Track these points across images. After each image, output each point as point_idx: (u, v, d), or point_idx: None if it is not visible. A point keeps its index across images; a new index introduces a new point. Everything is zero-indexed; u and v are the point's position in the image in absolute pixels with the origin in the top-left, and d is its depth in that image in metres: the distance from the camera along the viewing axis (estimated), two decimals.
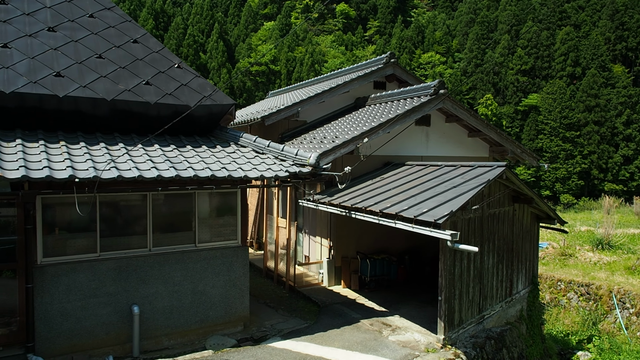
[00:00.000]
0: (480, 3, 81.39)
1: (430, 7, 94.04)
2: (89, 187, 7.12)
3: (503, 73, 70.43)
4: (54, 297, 7.46)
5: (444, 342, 8.75)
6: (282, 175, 8.69)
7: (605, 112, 60.88)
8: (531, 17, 74.27)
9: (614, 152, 60.17)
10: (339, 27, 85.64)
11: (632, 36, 67.71)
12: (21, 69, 7.81)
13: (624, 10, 69.01)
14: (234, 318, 9.15)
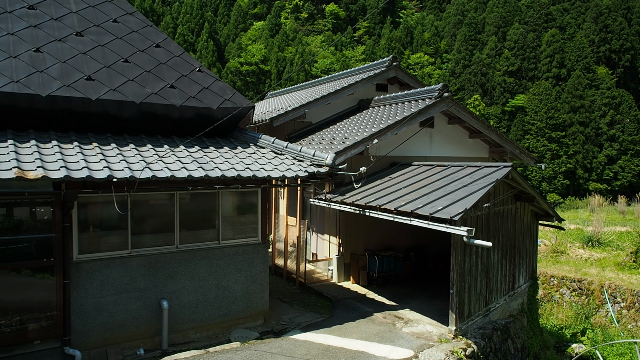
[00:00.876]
0: (468, 5, 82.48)
1: (419, 9, 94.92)
2: (123, 187, 7.47)
3: (490, 74, 71.40)
4: (88, 292, 7.78)
5: (456, 333, 9.23)
6: (302, 175, 9.09)
7: (590, 112, 62.13)
8: (518, 19, 75.44)
9: (598, 152, 61.43)
10: (328, 28, 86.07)
11: (616, 38, 69.20)
12: (54, 73, 8.11)
13: (608, 13, 70.56)
14: (255, 312, 9.53)
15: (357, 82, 15.06)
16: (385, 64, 15.72)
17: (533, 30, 72.71)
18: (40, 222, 7.47)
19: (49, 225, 7.46)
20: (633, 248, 19.15)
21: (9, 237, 7.15)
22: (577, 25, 73.56)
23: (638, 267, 18.28)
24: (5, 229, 7.15)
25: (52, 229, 7.43)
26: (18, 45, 8.20)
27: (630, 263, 18.60)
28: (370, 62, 17.35)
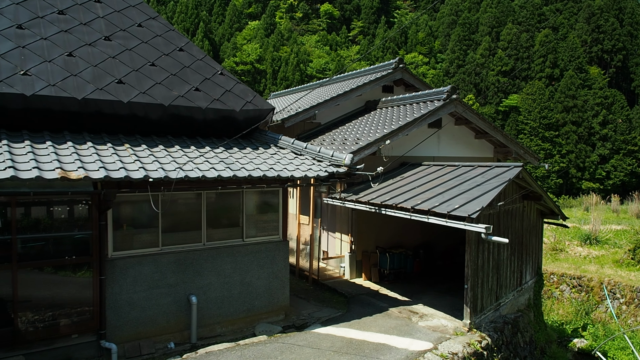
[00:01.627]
0: (462, 5, 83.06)
1: (413, 9, 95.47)
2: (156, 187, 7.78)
3: (484, 74, 72.01)
4: (122, 288, 8.08)
5: (470, 326, 9.62)
6: (323, 175, 9.44)
7: (583, 112, 62.89)
8: (511, 20, 76.09)
9: (591, 151, 62.21)
10: (323, 27, 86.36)
11: (608, 39, 70.13)
12: (87, 76, 8.39)
13: (600, 13, 71.49)
14: (276, 307, 9.87)
15: (365, 83, 15.40)
16: (392, 66, 16.09)
17: (526, 31, 73.42)
18: (78, 220, 7.76)
19: (86, 223, 7.76)
20: (631, 246, 19.67)
21: (51, 235, 7.45)
22: (569, 25, 74.42)
23: (636, 264, 18.79)
24: (47, 227, 7.44)
25: (90, 227, 7.73)
26: (52, 49, 8.47)
27: (629, 260, 19.12)
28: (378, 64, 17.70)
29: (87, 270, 7.81)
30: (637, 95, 69.77)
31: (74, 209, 7.76)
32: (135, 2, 10.51)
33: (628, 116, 62.42)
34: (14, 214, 7.12)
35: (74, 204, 7.73)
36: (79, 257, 7.71)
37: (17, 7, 8.82)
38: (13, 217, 7.12)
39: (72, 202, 7.67)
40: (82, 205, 7.77)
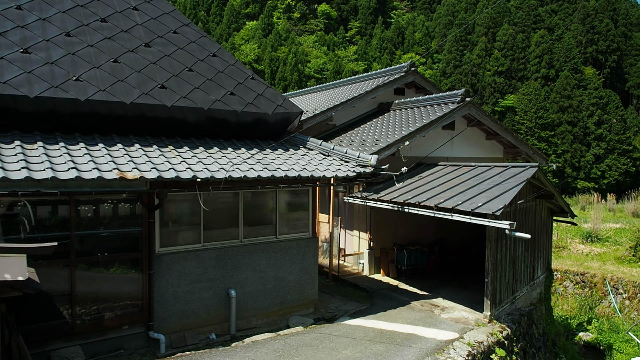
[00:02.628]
0: (458, 6, 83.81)
1: (409, 9, 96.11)
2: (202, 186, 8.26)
3: (481, 74, 72.77)
4: (168, 282, 8.56)
5: (490, 318, 10.17)
6: (352, 175, 9.94)
7: (578, 112, 63.73)
8: (507, 20, 76.88)
9: (586, 151, 63.08)
10: (320, 28, 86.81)
11: (602, 39, 71.10)
12: (133, 82, 8.85)
13: (594, 14, 72.47)
14: (306, 301, 10.38)
15: (379, 86, 15.93)
16: (404, 69, 16.62)
17: (522, 31, 74.27)
18: (128, 218, 8.22)
19: (136, 221, 8.23)
20: (632, 243, 20.33)
21: (104, 232, 7.92)
22: (565, 26, 75.32)
23: (637, 260, 19.44)
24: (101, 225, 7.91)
25: (140, 224, 8.20)
26: (99, 56, 8.92)
27: (630, 257, 19.77)
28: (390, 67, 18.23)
29: (137, 265, 8.28)
30: (631, 95, 70.79)
31: (125, 208, 8.22)
32: (169, 10, 10.97)
33: (622, 116, 63.38)
34: (72, 213, 7.58)
35: (126, 203, 8.19)
36: (130, 253, 8.18)
37: (63, 16, 9.25)
38: (71, 215, 7.58)
39: (124, 201, 8.14)
40: (131, 204, 8.24)
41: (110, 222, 8.08)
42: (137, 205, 8.22)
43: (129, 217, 8.22)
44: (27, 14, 8.86)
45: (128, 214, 8.23)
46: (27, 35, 8.49)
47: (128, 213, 8.23)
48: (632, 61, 71.40)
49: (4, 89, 7.48)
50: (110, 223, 8.07)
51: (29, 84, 7.75)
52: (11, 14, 8.69)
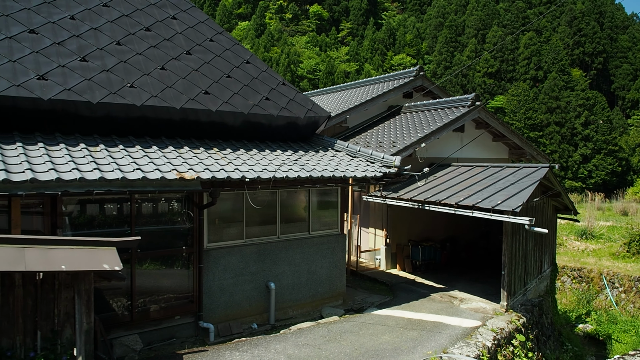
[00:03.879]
0: (449, 7, 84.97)
1: (400, 10, 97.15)
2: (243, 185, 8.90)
3: (471, 75, 74.03)
4: (215, 275, 9.18)
5: (507, 307, 10.95)
6: (379, 176, 10.65)
7: (566, 113, 65.17)
8: (496, 22, 78.22)
9: (573, 151, 64.50)
10: (312, 28, 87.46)
11: (589, 42, 72.76)
12: (180, 88, 9.45)
13: (581, 17, 74.15)
14: (335, 293, 11.06)
15: (390, 90, 16.67)
16: (413, 74, 17.38)
17: (511, 33, 75.66)
18: (181, 216, 8.83)
19: (188, 218, 8.84)
20: (626, 240, 21.33)
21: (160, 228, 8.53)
22: (552, 28, 76.90)
23: (631, 256, 20.43)
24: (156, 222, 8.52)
25: (191, 221, 8.82)
26: (147, 63, 9.50)
27: (624, 253, 20.75)
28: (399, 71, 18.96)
29: (188, 260, 8.89)
30: (617, 96, 72.55)
31: (177, 207, 8.83)
32: (203, 18, 11.56)
33: (609, 117, 64.94)
34: (132, 211, 8.18)
35: (178, 202, 8.81)
36: (182, 248, 8.79)
37: (112, 25, 9.81)
38: (132, 212, 8.18)
39: (176, 200, 8.75)
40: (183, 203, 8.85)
41: (163, 220, 8.68)
42: (187, 204, 8.83)
43: (180, 215, 8.83)
44: (80, 24, 9.41)
45: (180, 212, 8.84)
46: (82, 44, 9.04)
47: (180, 211, 8.84)
48: (618, 63, 73.14)
49: (69, 95, 8.05)
50: (163, 220, 8.68)
51: (90, 90, 8.32)
52: (66, 23, 9.23)
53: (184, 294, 8.90)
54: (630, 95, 70.41)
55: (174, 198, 8.76)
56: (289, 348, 7.69)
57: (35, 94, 7.73)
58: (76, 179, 6.85)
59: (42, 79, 8.00)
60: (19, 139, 7.70)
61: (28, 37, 8.54)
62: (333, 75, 69.71)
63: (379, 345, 8.04)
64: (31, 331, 5.74)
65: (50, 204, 7.40)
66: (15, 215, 6.94)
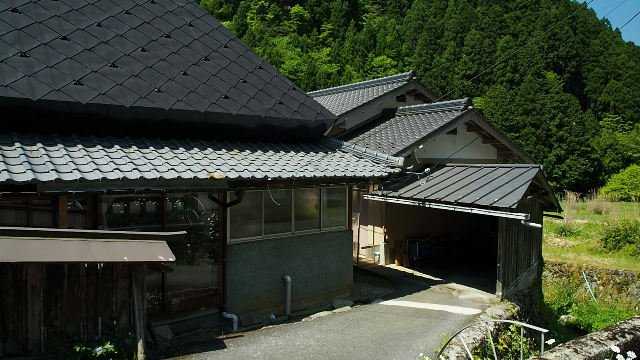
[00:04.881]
0: (428, 10, 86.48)
1: (380, 12, 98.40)
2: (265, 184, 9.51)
3: (450, 77, 75.61)
4: (237, 269, 9.77)
5: (502, 297, 11.80)
6: (385, 175, 11.38)
7: (541, 115, 67.20)
8: (474, 26, 80.00)
9: (548, 152, 66.53)
10: (294, 29, 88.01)
11: (563, 46, 75.07)
12: (202, 92, 10.01)
13: (556, 21, 76.46)
14: (344, 286, 11.76)
15: (386, 93, 17.44)
16: (406, 78, 18.18)
17: (488, 37, 77.54)
18: (206, 213, 9.41)
19: (213, 215, 9.42)
20: (603, 236, 22.57)
21: (188, 225, 9.09)
22: (528, 32, 79.04)
23: (608, 251, 21.65)
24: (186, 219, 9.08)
25: (216, 218, 9.40)
26: (171, 69, 10.02)
27: (601, 248, 21.98)
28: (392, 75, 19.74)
29: (213, 254, 9.47)
30: (589, 99, 75.01)
31: (202, 205, 9.41)
32: (216, 25, 12.11)
33: (581, 119, 67.19)
34: (164, 208, 8.73)
35: (203, 200, 9.38)
36: (209, 243, 9.37)
37: (135, 32, 10.30)
38: (164, 210, 8.73)
39: (201, 199, 9.32)
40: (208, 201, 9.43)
41: (190, 217, 9.24)
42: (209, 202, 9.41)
43: (206, 212, 9.41)
44: (107, 31, 9.89)
45: (205, 209, 9.42)
46: (111, 50, 9.53)
47: (205, 209, 9.42)
48: (590, 67, 75.65)
49: (104, 99, 8.55)
50: (190, 217, 9.24)
51: (122, 95, 8.83)
52: (94, 30, 9.70)
53: (209, 287, 9.48)
54: (601, 98, 72.91)
55: (198, 196, 9.33)
56: (315, 333, 8.35)
57: (74, 98, 8.22)
58: (119, 179, 7.38)
59: (79, 84, 8.48)
60: (59, 140, 8.17)
61: (61, 44, 8.99)
62: (315, 76, 70.38)
63: (394, 330, 8.76)
64: (93, 318, 6.28)
65: (92, 202, 7.91)
66: (62, 213, 7.44)
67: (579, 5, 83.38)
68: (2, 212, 7.29)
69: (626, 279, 18.72)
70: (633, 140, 63.34)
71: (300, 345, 7.63)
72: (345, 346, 7.65)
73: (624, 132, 68.32)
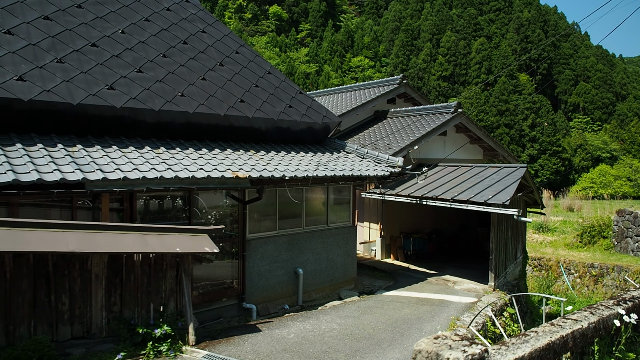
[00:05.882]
0: (405, 12, 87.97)
1: (358, 13, 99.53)
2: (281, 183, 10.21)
3: (426, 78, 77.20)
4: (254, 262, 10.44)
5: (494, 287, 12.76)
6: (387, 174, 12.19)
7: (514, 116, 69.28)
8: (450, 28, 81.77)
9: (521, 151, 68.61)
10: (272, 29, 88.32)
11: (535, 48, 77.37)
12: (220, 96, 10.64)
13: (528, 25, 78.89)
14: (348, 279, 12.53)
15: (378, 96, 18.28)
16: (397, 82, 19.07)
17: (464, 39, 79.42)
18: (228, 209, 10.05)
19: (234, 212, 10.07)
20: (578, 232, 23.94)
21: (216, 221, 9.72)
22: (501, 35, 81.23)
23: (584, 246, 23.00)
24: (209, 215, 9.71)
25: (237, 214, 10.06)
26: (190, 74, 10.62)
27: (577, 243, 23.32)
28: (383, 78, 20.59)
29: (233, 248, 10.12)
30: (560, 100, 77.57)
31: (224, 202, 10.05)
32: (227, 32, 12.72)
33: (553, 120, 69.54)
34: (191, 205, 9.35)
35: (225, 198, 10.03)
36: (231, 238, 10.02)
37: (155, 39, 10.85)
38: (191, 207, 9.35)
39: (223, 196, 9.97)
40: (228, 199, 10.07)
41: (214, 213, 9.88)
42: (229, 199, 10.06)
43: (228, 208, 10.05)
44: (130, 37, 10.42)
45: (226, 206, 10.06)
46: (135, 57, 10.07)
47: (226, 205, 10.06)
48: (561, 69, 78.21)
49: (135, 103, 9.12)
50: (214, 213, 9.87)
51: (150, 99, 9.41)
52: (119, 37, 10.23)
53: (230, 279, 10.12)
54: (571, 99, 75.54)
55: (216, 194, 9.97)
56: (335, 319, 9.10)
57: (108, 102, 8.77)
58: (157, 178, 7.98)
59: (111, 89, 9.03)
60: (95, 142, 8.71)
61: (91, 50, 9.50)
62: (293, 75, 70.91)
63: (404, 316, 9.58)
64: (146, 304, 6.89)
65: (129, 199, 8.49)
66: (105, 209, 8.00)
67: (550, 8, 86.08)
68: (49, 210, 7.81)
69: (601, 271, 20.01)
70: (602, 140, 65.91)
71: (325, 328, 8.37)
72: (365, 329, 8.42)
73: (593, 132, 70.99)
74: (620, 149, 65.67)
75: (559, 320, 4.37)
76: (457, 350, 3.14)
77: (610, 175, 54.35)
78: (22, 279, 5.92)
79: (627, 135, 66.38)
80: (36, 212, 7.55)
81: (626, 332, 4.87)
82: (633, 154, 64.12)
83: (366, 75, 78.25)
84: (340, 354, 6.99)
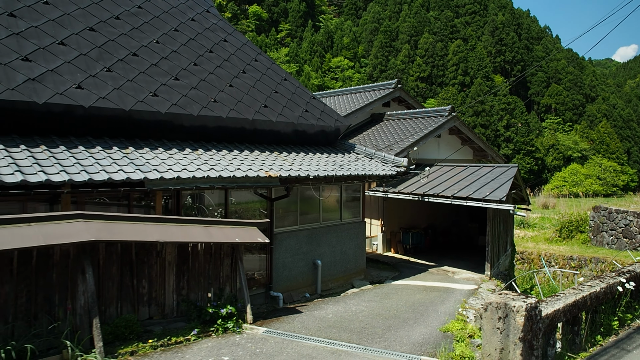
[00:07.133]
0: (383, 13, 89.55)
1: (337, 14, 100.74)
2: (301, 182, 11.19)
3: (405, 79, 78.86)
4: (279, 254, 11.41)
5: (490, 276, 14.01)
6: (394, 174, 13.29)
7: (490, 116, 71.46)
8: (427, 30, 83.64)
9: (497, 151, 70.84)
10: (252, 29, 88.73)
11: (509, 51, 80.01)
12: (247, 102, 11.55)
13: (502, 28, 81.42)
14: (359, 270, 13.60)
15: (375, 100, 19.42)
16: (392, 86, 20.23)
17: (441, 40, 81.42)
18: (258, 205, 10.99)
19: (263, 208, 11.01)
20: (557, 227, 25.56)
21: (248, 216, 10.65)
22: (477, 37, 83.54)
23: (562, 240, 24.61)
24: (242, 212, 10.63)
25: (265, 209, 11.01)
26: (219, 81, 11.49)
27: (557, 238, 24.92)
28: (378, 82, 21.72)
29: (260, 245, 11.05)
30: (533, 101, 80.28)
31: (253, 199, 10.98)
32: (245, 41, 13.62)
33: (526, 120, 72.05)
34: (227, 201, 10.26)
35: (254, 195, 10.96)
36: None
37: (185, 48, 11.68)
38: (227, 203, 10.26)
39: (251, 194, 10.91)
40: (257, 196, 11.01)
41: (245, 210, 10.80)
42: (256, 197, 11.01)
43: (258, 204, 10.99)
44: (164, 47, 11.24)
45: (255, 202, 11.00)
46: (171, 65, 10.91)
47: (255, 202, 11.00)
48: (534, 71, 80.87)
49: (177, 109, 9.98)
50: (245, 210, 10.80)
51: (189, 105, 10.27)
52: (155, 47, 11.04)
53: (258, 270, 11.07)
54: (544, 100, 78.32)
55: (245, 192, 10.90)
56: (361, 302, 10.15)
57: (154, 107, 9.62)
58: (204, 177, 8.88)
59: (155, 95, 9.87)
60: (143, 144, 9.55)
61: (133, 59, 10.31)
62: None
63: (418, 300, 10.69)
64: (206, 289, 7.81)
65: (176, 196, 9.36)
66: (158, 205, 8.88)
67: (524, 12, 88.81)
68: (108, 207, 8.65)
69: (580, 263, 21.59)
70: (573, 140, 68.65)
71: (355, 310, 9.42)
72: (389, 310, 9.50)
73: (564, 133, 73.79)
74: (590, 148, 68.57)
75: (579, 286, 5.59)
76: (519, 301, 4.30)
77: (581, 174, 56.92)
78: (112, 265, 6.75)
79: (596, 135, 69.33)
80: (98, 210, 8.39)
81: (626, 297, 6.19)
82: (602, 153, 67.05)
83: (346, 75, 79.46)
84: (377, 329, 8.04)
